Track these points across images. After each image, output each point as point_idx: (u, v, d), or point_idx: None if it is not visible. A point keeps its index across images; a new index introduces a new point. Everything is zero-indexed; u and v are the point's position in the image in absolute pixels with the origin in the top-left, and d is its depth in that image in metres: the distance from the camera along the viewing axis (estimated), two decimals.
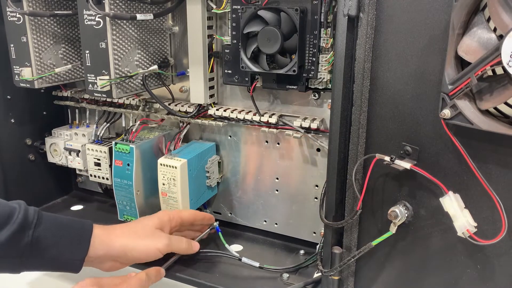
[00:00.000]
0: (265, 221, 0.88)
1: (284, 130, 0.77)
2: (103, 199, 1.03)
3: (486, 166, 0.52)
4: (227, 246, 0.79)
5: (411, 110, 0.55)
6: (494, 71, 0.49)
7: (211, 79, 0.81)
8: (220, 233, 0.81)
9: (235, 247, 0.85)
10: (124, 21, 0.73)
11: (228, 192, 0.90)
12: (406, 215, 0.58)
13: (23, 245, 0.60)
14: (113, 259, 0.68)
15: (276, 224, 0.87)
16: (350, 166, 0.61)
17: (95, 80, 0.74)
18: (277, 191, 0.85)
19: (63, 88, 0.97)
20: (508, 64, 0.43)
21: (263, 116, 0.77)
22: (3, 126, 0.91)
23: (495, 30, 0.46)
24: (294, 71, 0.67)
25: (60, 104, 0.99)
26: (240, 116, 0.79)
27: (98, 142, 0.91)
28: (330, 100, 0.71)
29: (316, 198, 0.81)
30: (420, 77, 0.53)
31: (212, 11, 0.75)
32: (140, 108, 0.88)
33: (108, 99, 0.91)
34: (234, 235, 0.89)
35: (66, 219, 0.67)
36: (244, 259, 0.76)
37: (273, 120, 0.76)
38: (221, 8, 0.73)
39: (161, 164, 0.79)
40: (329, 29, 0.67)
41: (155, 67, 0.79)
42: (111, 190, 0.86)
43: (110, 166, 0.88)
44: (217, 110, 0.81)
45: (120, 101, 0.90)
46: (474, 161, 0.51)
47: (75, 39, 0.88)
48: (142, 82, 0.79)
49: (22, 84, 0.82)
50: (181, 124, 0.88)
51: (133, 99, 0.88)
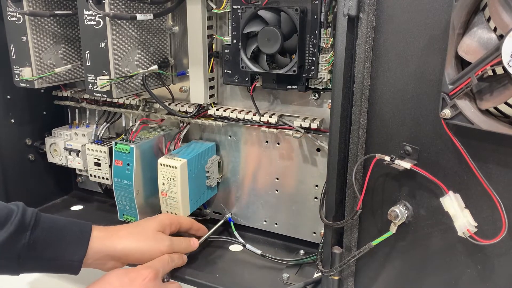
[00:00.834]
0: (265, 221, 0.88)
1: (284, 130, 0.77)
2: (103, 199, 1.03)
3: (486, 166, 0.52)
4: (236, 234, 0.85)
5: (411, 110, 0.55)
6: (494, 71, 0.48)
7: (211, 79, 0.81)
8: (232, 222, 0.88)
9: (235, 247, 0.85)
10: (124, 21, 0.73)
11: (228, 192, 0.90)
12: (406, 215, 0.58)
13: (20, 246, 0.60)
14: (114, 260, 0.68)
15: (276, 224, 0.87)
16: (350, 166, 0.61)
17: (95, 80, 0.74)
18: (277, 191, 0.85)
19: (63, 88, 0.97)
20: (508, 64, 0.43)
21: (263, 116, 0.77)
22: (3, 126, 0.91)
23: (495, 30, 0.46)
24: (294, 71, 0.67)
25: (60, 104, 0.99)
26: (240, 116, 0.79)
27: (98, 142, 0.91)
28: (330, 100, 0.71)
29: (316, 198, 0.81)
30: (420, 77, 0.53)
31: (212, 11, 0.75)
32: (140, 108, 0.88)
33: (108, 99, 0.91)
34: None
35: (65, 220, 0.67)
36: (248, 246, 0.82)
37: (273, 120, 0.76)
38: (221, 8, 0.73)
39: (161, 164, 0.79)
40: (329, 29, 0.67)
41: (155, 67, 0.79)
42: (111, 190, 0.86)
43: (110, 166, 0.88)
44: (217, 110, 0.81)
45: (120, 101, 0.90)
46: (474, 161, 0.51)
47: (75, 39, 0.88)
48: (142, 82, 0.79)
49: (22, 84, 0.82)
50: (181, 124, 0.88)
51: (133, 99, 0.88)
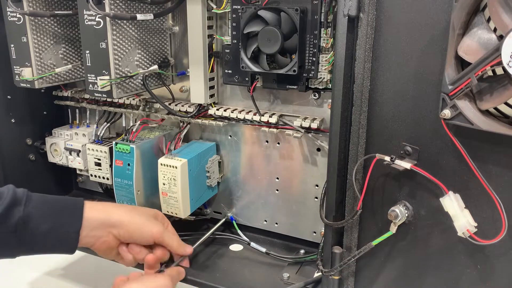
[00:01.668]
0: (265, 220, 0.88)
1: (284, 130, 0.77)
2: (103, 199, 1.02)
3: (486, 166, 0.52)
4: (239, 232, 0.87)
5: (411, 110, 0.55)
6: (494, 71, 0.49)
7: (211, 79, 0.81)
8: (234, 221, 0.89)
9: (235, 247, 0.85)
10: (124, 21, 0.73)
11: (228, 192, 0.90)
12: (406, 215, 0.58)
13: (15, 220, 0.59)
14: (109, 231, 0.67)
15: (276, 223, 0.87)
16: (350, 166, 0.61)
17: (96, 80, 0.74)
18: (277, 190, 0.85)
19: (64, 88, 0.97)
20: (508, 64, 0.43)
21: (263, 116, 0.77)
22: (3, 126, 0.91)
23: (495, 30, 0.46)
24: (294, 71, 0.67)
25: (60, 104, 0.99)
26: (240, 116, 0.79)
27: (99, 142, 0.91)
28: (330, 100, 0.71)
29: (316, 198, 0.81)
30: (420, 77, 0.53)
31: (212, 11, 0.75)
32: (141, 108, 0.88)
33: (109, 99, 0.91)
34: (234, 234, 0.89)
35: (56, 196, 0.66)
36: (252, 244, 0.84)
37: (273, 120, 0.76)
38: (221, 8, 0.73)
39: (161, 164, 0.79)
40: (329, 29, 0.67)
41: (155, 67, 0.79)
42: (112, 190, 0.86)
43: (111, 166, 0.88)
44: (217, 110, 0.81)
45: (121, 101, 0.90)
46: (474, 161, 0.51)
47: (75, 39, 0.88)
48: (142, 82, 0.79)
49: (22, 84, 0.82)
50: (181, 124, 0.88)
51: (133, 99, 0.88)
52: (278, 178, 0.84)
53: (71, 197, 0.68)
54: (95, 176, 0.91)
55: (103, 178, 0.90)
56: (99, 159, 0.89)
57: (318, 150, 0.78)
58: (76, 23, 0.87)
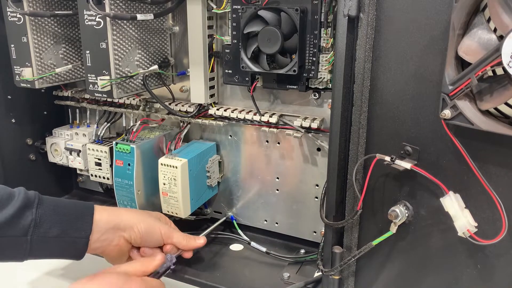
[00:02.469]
0: (265, 220, 0.88)
1: (284, 130, 0.77)
2: (103, 199, 1.03)
3: (487, 166, 0.52)
4: (240, 232, 0.87)
5: (412, 110, 0.55)
6: (494, 71, 0.49)
7: (212, 79, 0.81)
8: (234, 221, 0.89)
9: (236, 247, 0.85)
10: (125, 21, 0.73)
11: (228, 191, 0.90)
12: (407, 215, 0.58)
13: (28, 222, 0.59)
14: (120, 235, 0.67)
15: (276, 223, 0.87)
16: (350, 166, 0.61)
17: (96, 80, 0.74)
18: (277, 190, 0.85)
19: (64, 88, 0.97)
20: (508, 64, 0.43)
21: (263, 115, 0.77)
22: (3, 126, 0.91)
23: (495, 30, 0.46)
24: (295, 71, 0.67)
25: (60, 104, 0.99)
26: (241, 116, 0.79)
27: (99, 142, 0.91)
28: (330, 100, 0.71)
29: (316, 198, 0.81)
30: (420, 77, 0.53)
31: (213, 11, 0.75)
32: (141, 108, 0.88)
33: (109, 99, 0.91)
34: (234, 234, 0.89)
35: (67, 200, 0.67)
36: (252, 243, 0.84)
37: (273, 119, 0.76)
38: (221, 8, 0.73)
39: (161, 164, 0.79)
40: (329, 29, 0.67)
41: (155, 67, 0.79)
42: (112, 190, 0.86)
43: (111, 166, 0.88)
44: (217, 110, 0.81)
45: (121, 101, 0.90)
46: (475, 161, 0.51)
47: (75, 39, 0.88)
48: (142, 82, 0.79)
49: (22, 84, 0.82)
50: (181, 124, 0.88)
51: (133, 99, 0.88)
52: (278, 178, 0.84)
53: (81, 201, 0.68)
54: (96, 176, 0.91)
55: (104, 178, 0.90)
56: (100, 159, 0.89)
57: (318, 150, 0.78)
58: (76, 23, 0.87)
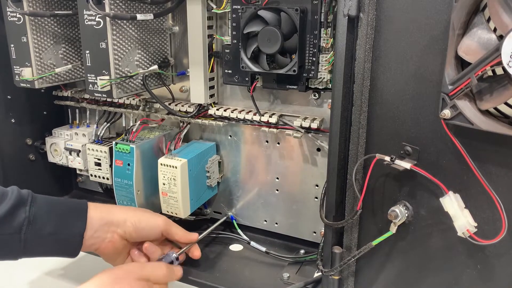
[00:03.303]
0: (265, 220, 0.88)
1: (284, 130, 0.77)
2: (103, 199, 1.03)
3: (486, 166, 0.52)
4: (240, 232, 0.87)
5: (411, 110, 0.55)
6: (494, 71, 0.49)
7: (211, 79, 0.81)
8: (234, 221, 0.89)
9: (236, 247, 0.85)
10: (124, 21, 0.73)
11: (228, 192, 0.90)
12: (406, 215, 0.58)
13: (21, 220, 0.60)
14: (114, 231, 0.67)
15: (276, 223, 0.87)
16: (350, 166, 0.61)
17: (96, 80, 0.74)
18: (277, 190, 0.85)
19: (64, 88, 0.97)
20: (508, 64, 0.43)
21: (263, 116, 0.77)
22: (3, 126, 0.91)
23: (495, 30, 0.46)
24: (294, 71, 0.67)
25: (60, 104, 0.99)
26: (240, 116, 0.79)
27: (99, 142, 0.91)
28: (330, 100, 0.71)
29: (316, 198, 0.81)
30: (420, 77, 0.53)
31: (212, 11, 0.74)
32: (141, 108, 0.88)
33: (109, 99, 0.91)
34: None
35: (60, 198, 0.67)
36: (252, 243, 0.84)
37: (273, 120, 0.76)
38: (221, 8, 0.73)
39: (161, 164, 0.79)
40: (329, 29, 0.67)
41: (155, 67, 0.79)
42: (112, 190, 0.86)
43: (111, 166, 0.88)
44: (217, 110, 0.81)
45: (121, 101, 0.90)
46: (474, 161, 0.51)
47: (75, 39, 0.88)
48: (142, 82, 0.79)
49: (22, 84, 0.82)
50: (181, 124, 0.88)
51: (133, 99, 0.88)
52: (278, 178, 0.84)
53: (75, 199, 0.68)
54: (95, 176, 0.91)
55: (103, 178, 0.90)
56: (99, 159, 0.89)
57: (318, 150, 0.78)
58: (76, 23, 0.87)
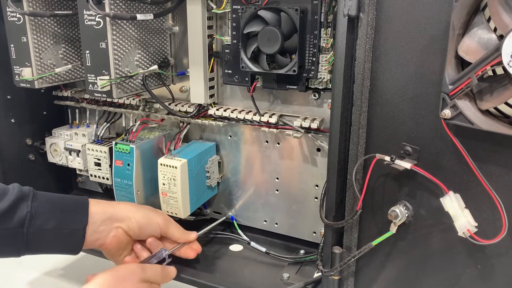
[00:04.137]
0: (265, 221, 0.88)
1: (284, 130, 0.77)
2: (103, 199, 1.02)
3: (487, 166, 0.52)
4: (240, 232, 0.87)
5: (411, 110, 0.55)
6: (494, 71, 0.49)
7: (211, 79, 0.81)
8: (234, 221, 0.89)
9: (235, 247, 0.85)
10: (124, 21, 0.73)
11: (228, 192, 0.90)
12: (407, 215, 0.58)
13: (23, 215, 0.59)
14: (118, 226, 0.67)
15: (276, 224, 0.87)
16: (350, 166, 0.61)
17: (95, 80, 0.74)
18: (277, 191, 0.85)
19: (63, 88, 0.97)
20: (508, 64, 0.43)
21: (263, 116, 0.77)
22: (3, 126, 0.91)
23: (495, 30, 0.46)
24: (294, 71, 0.67)
25: (60, 104, 0.99)
26: (240, 116, 0.79)
27: (98, 142, 0.91)
28: (330, 100, 0.71)
29: (316, 198, 0.81)
30: (420, 77, 0.53)
31: (212, 11, 0.74)
32: (140, 108, 0.88)
33: (108, 99, 0.91)
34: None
35: (61, 195, 0.67)
36: (252, 243, 0.84)
37: (273, 120, 0.76)
38: (221, 8, 0.73)
39: (161, 164, 0.79)
40: (329, 29, 0.67)
41: (155, 67, 0.79)
42: (112, 190, 0.86)
43: (110, 166, 0.88)
44: (217, 110, 0.81)
45: (120, 101, 0.90)
46: (475, 161, 0.51)
47: (75, 39, 0.88)
48: (142, 82, 0.79)
49: (22, 84, 0.82)
50: (181, 124, 0.88)
51: (133, 99, 0.88)
52: (278, 178, 0.84)
53: (76, 195, 0.68)
54: (95, 176, 0.91)
55: (103, 178, 0.90)
56: (99, 159, 0.89)
57: (318, 150, 0.78)
58: (76, 23, 0.87)
